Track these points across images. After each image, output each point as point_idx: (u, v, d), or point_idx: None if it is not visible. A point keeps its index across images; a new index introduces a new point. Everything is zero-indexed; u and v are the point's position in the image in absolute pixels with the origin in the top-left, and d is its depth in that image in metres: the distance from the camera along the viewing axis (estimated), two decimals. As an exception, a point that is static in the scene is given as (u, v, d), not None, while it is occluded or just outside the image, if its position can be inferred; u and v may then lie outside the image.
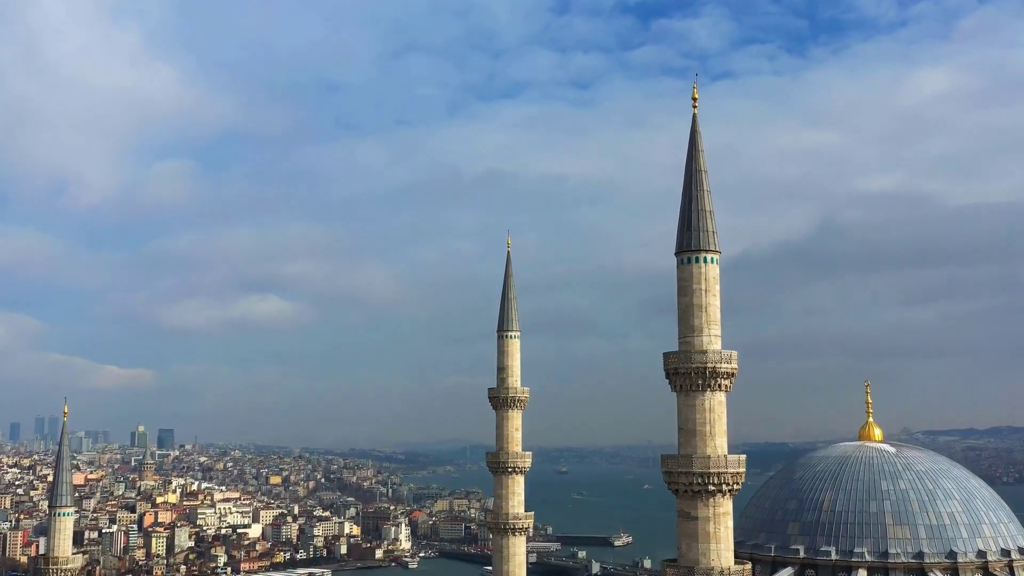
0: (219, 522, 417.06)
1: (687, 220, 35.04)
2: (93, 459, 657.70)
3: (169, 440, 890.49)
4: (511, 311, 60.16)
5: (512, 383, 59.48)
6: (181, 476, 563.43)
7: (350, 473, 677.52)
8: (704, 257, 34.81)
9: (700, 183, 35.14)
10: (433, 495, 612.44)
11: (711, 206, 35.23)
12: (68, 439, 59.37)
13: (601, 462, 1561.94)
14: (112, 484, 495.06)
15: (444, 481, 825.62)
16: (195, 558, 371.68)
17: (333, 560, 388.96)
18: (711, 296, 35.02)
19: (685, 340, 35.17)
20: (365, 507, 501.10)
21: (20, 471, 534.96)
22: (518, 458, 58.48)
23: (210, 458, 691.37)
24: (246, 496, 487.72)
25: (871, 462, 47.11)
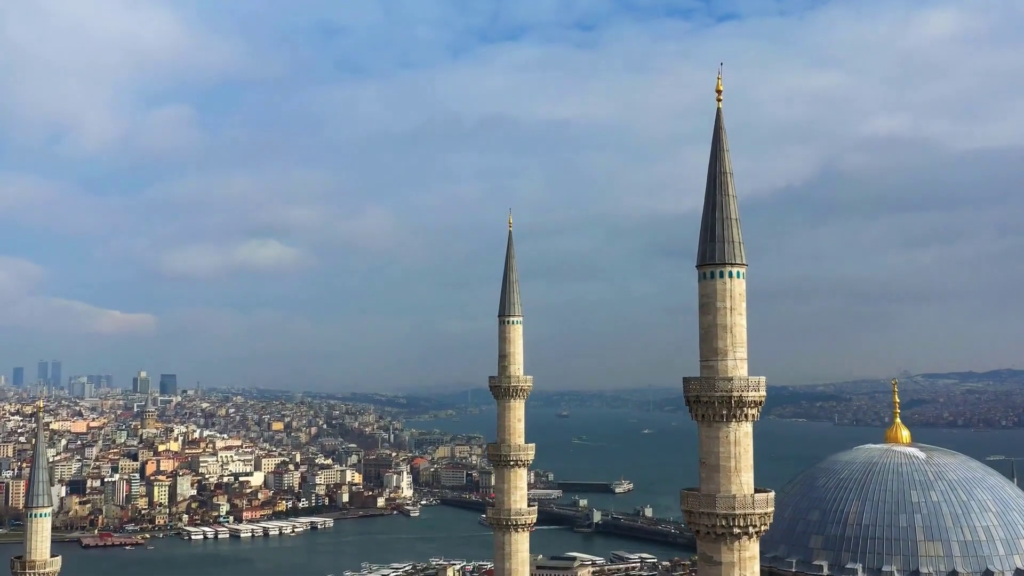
0: (221, 470, 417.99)
1: (710, 229, 31.24)
2: (95, 405, 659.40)
3: (171, 385, 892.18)
4: (513, 295, 56.55)
5: (514, 371, 56.07)
6: (183, 423, 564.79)
7: (352, 419, 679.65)
8: (730, 271, 31.13)
9: (725, 187, 31.30)
10: (435, 441, 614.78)
11: (737, 213, 31.57)
12: (43, 435, 55.75)
13: (602, 406, 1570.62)
14: (114, 432, 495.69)
15: (446, 426, 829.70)
16: (197, 507, 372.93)
17: (335, 508, 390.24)
18: (737, 315, 31.38)
19: (707, 364, 31.56)
20: (367, 454, 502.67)
21: (22, 419, 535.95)
22: (521, 451, 55.28)
23: (212, 404, 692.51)
24: (248, 444, 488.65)
25: (900, 469, 43.83)
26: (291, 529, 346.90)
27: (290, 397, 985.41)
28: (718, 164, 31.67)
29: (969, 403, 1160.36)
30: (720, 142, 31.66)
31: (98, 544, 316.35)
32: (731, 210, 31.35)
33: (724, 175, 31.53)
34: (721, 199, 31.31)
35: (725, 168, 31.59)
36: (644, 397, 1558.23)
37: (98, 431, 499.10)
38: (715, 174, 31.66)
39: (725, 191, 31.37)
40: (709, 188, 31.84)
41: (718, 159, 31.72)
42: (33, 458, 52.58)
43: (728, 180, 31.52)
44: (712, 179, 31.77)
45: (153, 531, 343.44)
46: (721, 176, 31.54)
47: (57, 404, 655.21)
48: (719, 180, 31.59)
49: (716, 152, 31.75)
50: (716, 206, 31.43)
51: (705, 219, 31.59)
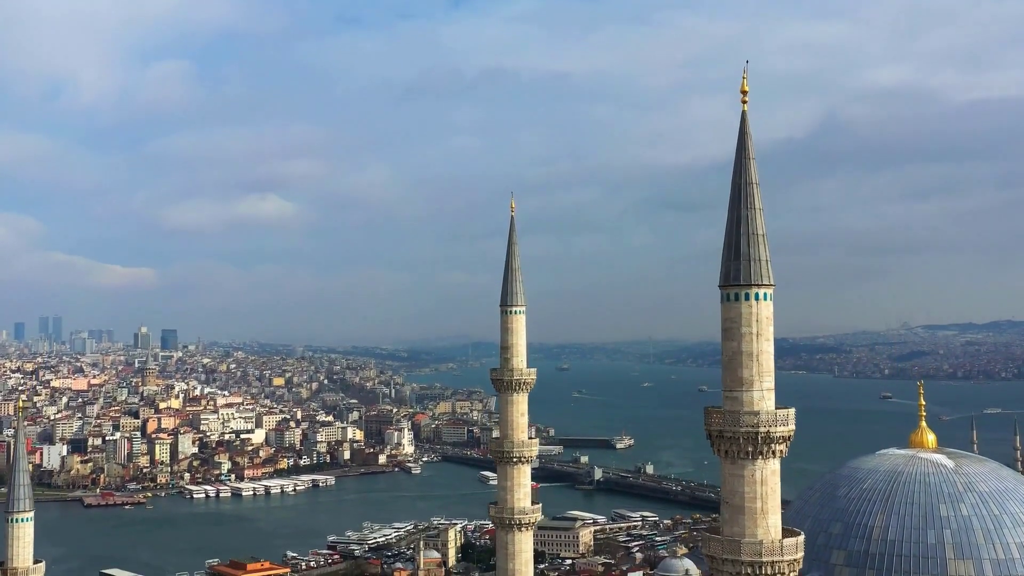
0: (222, 428, 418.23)
1: (734, 246, 28.29)
2: (96, 361, 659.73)
3: (172, 340, 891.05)
4: (515, 284, 53.77)
5: (517, 364, 53.46)
6: (184, 380, 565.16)
7: (353, 374, 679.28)
8: (757, 293, 28.29)
9: (751, 199, 28.28)
10: (436, 396, 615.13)
11: (764, 227, 28.68)
12: (23, 434, 53.31)
13: (603, 358, 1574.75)
14: (115, 389, 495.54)
15: (447, 380, 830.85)
16: (199, 465, 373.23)
17: (336, 466, 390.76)
18: (764, 341, 28.59)
19: (731, 395, 28.86)
20: (368, 410, 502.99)
21: (23, 376, 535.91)
22: (524, 447, 52.87)
23: (213, 360, 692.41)
24: (249, 401, 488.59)
25: (927, 480, 41.21)
26: (293, 487, 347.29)
27: (291, 351, 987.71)
28: (743, 174, 28.63)
29: (969, 355, 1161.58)
30: (745, 149, 28.60)
31: (100, 503, 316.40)
32: (757, 225, 28.41)
33: (750, 186, 28.53)
34: (747, 213, 28.34)
35: (751, 178, 28.58)
36: (644, 350, 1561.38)
37: (99, 388, 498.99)
38: (740, 185, 28.64)
39: (751, 204, 28.39)
40: (733, 200, 28.84)
41: (743, 168, 28.68)
42: (12, 460, 50.27)
43: (755, 192, 28.49)
44: (736, 190, 28.75)
45: (155, 490, 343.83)
46: (747, 187, 28.53)
47: (58, 360, 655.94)
48: (744, 192, 28.59)
49: (741, 160, 28.70)
50: (741, 221, 28.49)
51: (729, 235, 28.63)
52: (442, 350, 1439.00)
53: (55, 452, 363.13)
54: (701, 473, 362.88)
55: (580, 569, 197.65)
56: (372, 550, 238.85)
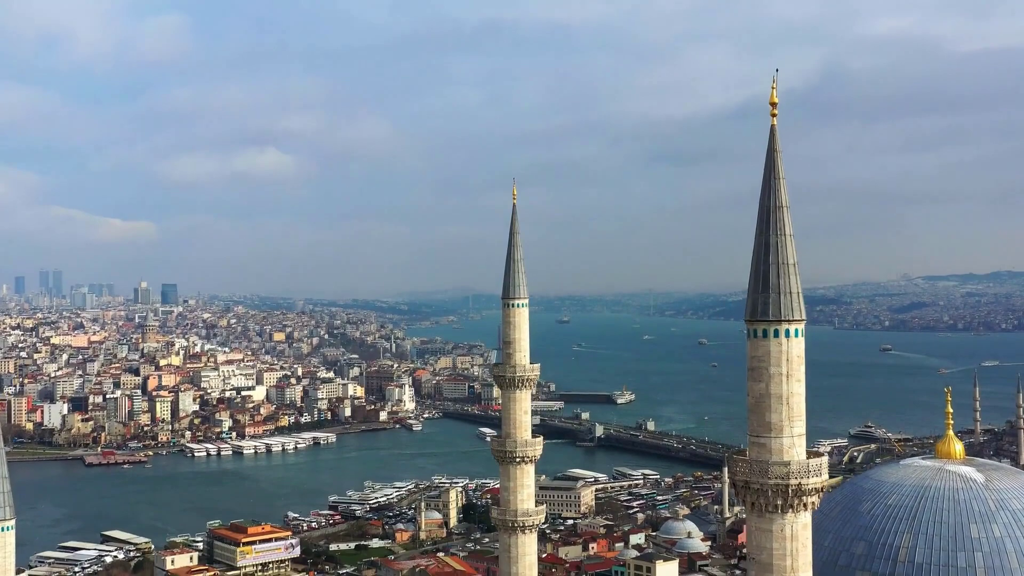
0: (223, 385, 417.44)
1: (762, 278, 25.57)
2: (97, 316, 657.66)
3: (172, 295, 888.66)
4: (518, 275, 51.13)
5: (520, 360, 51.01)
6: (184, 335, 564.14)
7: (353, 328, 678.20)
8: (788, 330, 25.72)
9: (781, 225, 25.48)
10: (436, 350, 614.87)
11: (795, 256, 25.95)
12: (4, 438, 50.76)
13: (603, 310, 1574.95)
14: (115, 346, 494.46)
15: (447, 334, 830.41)
16: (200, 423, 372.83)
17: (337, 423, 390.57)
18: (795, 382, 25.98)
19: (759, 442, 26.17)
20: (368, 365, 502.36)
21: (23, 333, 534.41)
22: (528, 446, 50.59)
23: (213, 315, 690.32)
24: (249, 357, 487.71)
25: (956, 496, 38.70)
26: (294, 445, 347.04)
27: (291, 305, 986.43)
28: (773, 196, 25.83)
29: (969, 306, 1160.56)
30: (774, 168, 25.76)
31: (101, 462, 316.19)
32: (788, 253, 25.70)
33: (780, 210, 25.75)
34: (776, 240, 25.61)
35: (781, 200, 25.78)
36: (645, 302, 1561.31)
37: (99, 345, 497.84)
38: (769, 208, 25.87)
39: (781, 230, 25.65)
40: (761, 226, 26.08)
41: (773, 190, 25.87)
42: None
43: (784, 216, 25.75)
44: (765, 214, 25.98)
45: (156, 448, 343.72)
46: (776, 211, 25.76)
47: (58, 316, 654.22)
48: (774, 216, 25.83)
49: (770, 181, 25.87)
50: (770, 248, 25.77)
51: (756, 263, 25.90)
52: (442, 303, 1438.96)
53: (56, 411, 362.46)
54: (702, 429, 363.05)
55: (582, 531, 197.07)
56: (373, 510, 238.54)
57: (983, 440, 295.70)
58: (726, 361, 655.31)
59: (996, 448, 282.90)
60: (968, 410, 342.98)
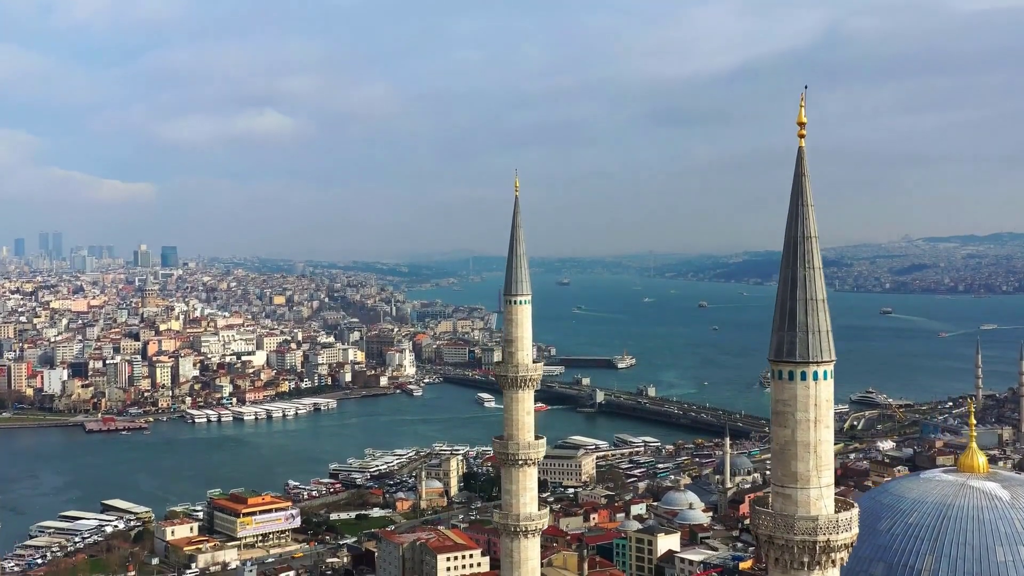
0: (223, 350, 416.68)
1: (789, 314, 23.49)
2: (96, 280, 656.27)
3: (172, 257, 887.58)
4: (520, 271, 49.16)
5: (522, 359, 49.15)
6: (184, 299, 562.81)
7: (353, 291, 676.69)
8: (816, 372, 23.78)
9: (809, 257, 23.28)
10: (437, 314, 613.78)
11: (824, 291, 23.88)
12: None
13: (603, 272, 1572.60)
14: (115, 311, 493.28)
15: (447, 296, 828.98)
16: (200, 388, 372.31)
17: (338, 388, 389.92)
18: (823, 428, 23.98)
19: (784, 492, 24.18)
20: (369, 329, 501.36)
21: (22, 297, 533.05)
22: (530, 448, 48.90)
23: (213, 278, 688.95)
24: (249, 322, 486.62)
25: (980, 516, 36.84)
26: (294, 411, 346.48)
27: (291, 267, 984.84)
28: (800, 226, 23.73)
29: (970, 268, 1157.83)
30: (802, 195, 23.68)
31: (101, 429, 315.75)
32: (816, 287, 23.69)
33: (808, 240, 23.69)
34: (805, 274, 23.58)
35: (810, 230, 23.70)
36: (645, 263, 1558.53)
37: (99, 310, 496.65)
38: (796, 239, 23.79)
39: (809, 262, 23.62)
40: (788, 258, 24.03)
41: (801, 219, 23.77)
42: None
43: (813, 247, 23.70)
44: (791, 246, 23.91)
45: (156, 414, 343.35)
46: (804, 242, 23.69)
47: (58, 279, 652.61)
48: (801, 248, 23.77)
49: (797, 209, 23.75)
50: (797, 283, 23.76)
51: (782, 299, 23.87)
52: (442, 264, 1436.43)
53: (56, 376, 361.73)
54: (702, 394, 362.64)
55: (583, 501, 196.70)
56: (374, 478, 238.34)
57: (985, 407, 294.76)
58: (727, 325, 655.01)
59: (998, 415, 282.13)
60: (968, 374, 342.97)
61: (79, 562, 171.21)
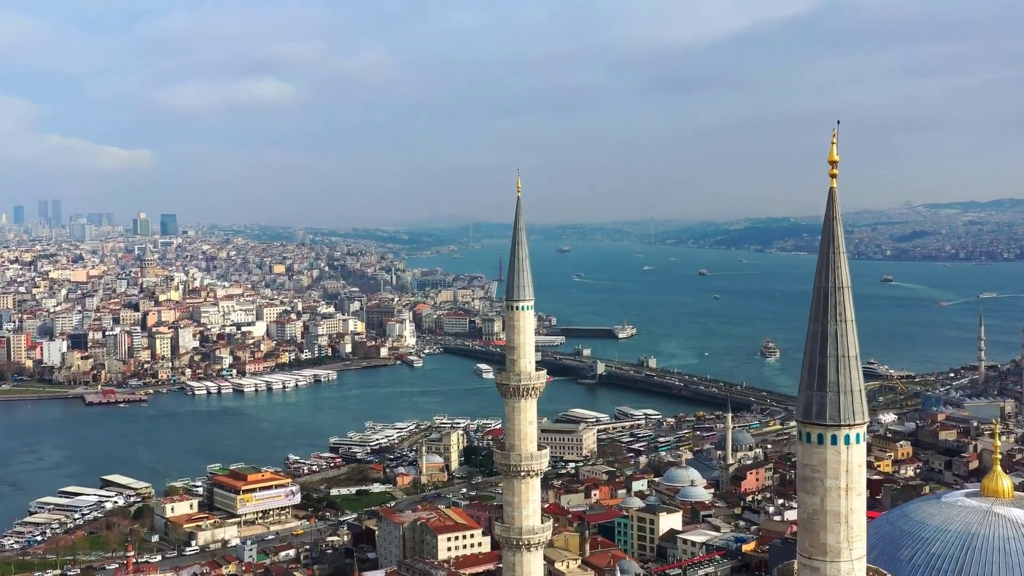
0: (223, 320, 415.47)
1: (818, 373, 21.45)
2: (96, 248, 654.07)
3: (172, 225, 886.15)
4: (522, 275, 47.26)
5: (524, 367, 47.39)
6: (184, 268, 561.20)
7: (353, 259, 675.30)
8: (847, 435, 21.87)
9: (841, 309, 21.28)
10: (437, 283, 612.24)
11: (856, 347, 21.91)
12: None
13: (603, 239, 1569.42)
14: (114, 281, 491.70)
15: (448, 264, 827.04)
16: (200, 359, 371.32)
17: (338, 359, 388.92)
18: (855, 496, 21.98)
19: (811, 565, 22.10)
20: (369, 298, 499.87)
21: (21, 267, 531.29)
22: (533, 460, 47.24)
23: (213, 246, 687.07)
24: (249, 292, 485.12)
25: (1007, 547, 34.88)
26: (294, 383, 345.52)
27: (291, 235, 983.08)
28: (831, 275, 21.80)
29: (971, 234, 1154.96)
30: (834, 240, 21.73)
31: (101, 401, 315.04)
32: (849, 343, 21.83)
33: (840, 291, 21.79)
34: (836, 328, 21.70)
35: (842, 280, 21.83)
36: (645, 230, 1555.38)
37: (98, 280, 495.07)
38: (826, 290, 21.89)
39: (841, 315, 21.73)
40: (818, 310, 22.13)
41: (831, 267, 21.82)
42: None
43: (846, 298, 21.82)
44: (821, 297, 21.99)
45: (156, 386, 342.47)
46: (836, 293, 21.79)
47: (57, 248, 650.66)
48: (832, 300, 21.86)
49: (828, 256, 21.79)
50: (828, 338, 21.90)
51: (811, 355, 21.99)
52: (443, 231, 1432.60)
53: (55, 348, 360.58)
54: (703, 365, 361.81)
55: (584, 478, 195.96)
56: (375, 452, 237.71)
57: (987, 379, 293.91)
58: (727, 293, 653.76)
59: (1000, 388, 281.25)
60: (969, 344, 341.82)
61: (78, 540, 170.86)
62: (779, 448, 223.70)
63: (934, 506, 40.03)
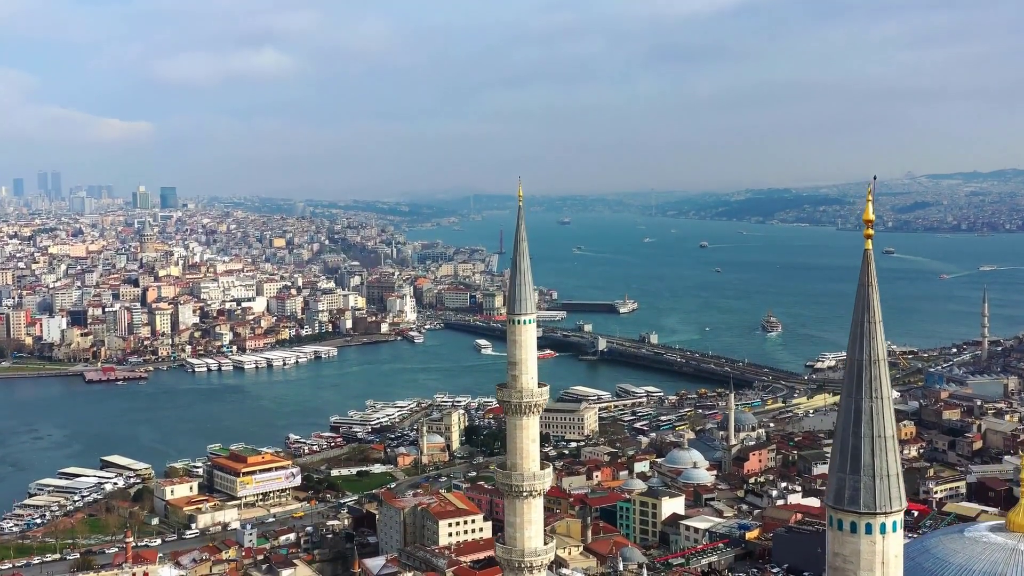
0: (223, 296, 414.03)
1: (851, 454, 19.24)
2: (96, 222, 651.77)
3: (171, 198, 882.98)
4: (524, 287, 45.43)
5: (526, 383, 45.66)
6: (184, 242, 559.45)
7: (354, 233, 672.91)
8: (884, 523, 19.86)
9: (877, 385, 19.17)
10: (438, 256, 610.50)
11: (893, 426, 19.90)
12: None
13: (604, 210, 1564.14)
14: (114, 256, 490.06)
15: (448, 236, 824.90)
16: (200, 336, 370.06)
17: (339, 335, 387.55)
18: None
19: None
20: (370, 272, 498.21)
21: (20, 242, 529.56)
22: (535, 480, 45.64)
23: (213, 220, 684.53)
24: (249, 267, 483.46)
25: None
26: (295, 360, 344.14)
27: (291, 207, 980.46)
28: (866, 347, 19.84)
29: (973, 205, 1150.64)
30: (869, 309, 19.82)
31: (101, 379, 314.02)
32: (885, 422, 19.99)
33: (876, 364, 19.90)
34: (872, 405, 19.90)
35: (877, 353, 19.92)
36: (647, 201, 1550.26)
37: (98, 255, 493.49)
38: (860, 363, 19.98)
39: (877, 391, 19.90)
40: (851, 385, 20.22)
41: (866, 339, 19.87)
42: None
43: (881, 372, 19.92)
44: (855, 371, 20.08)
45: (156, 363, 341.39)
46: (872, 367, 19.90)
47: (56, 221, 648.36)
48: (867, 374, 19.95)
49: (863, 327, 19.87)
50: (863, 416, 20.08)
51: (843, 435, 20.12)
52: (443, 203, 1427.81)
53: (55, 324, 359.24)
54: (705, 340, 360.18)
55: (586, 459, 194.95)
56: (375, 432, 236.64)
57: (990, 355, 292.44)
58: (727, 265, 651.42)
59: (1004, 364, 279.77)
60: (970, 318, 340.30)
61: (77, 523, 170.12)
62: (781, 427, 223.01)
63: (956, 541, 38.35)
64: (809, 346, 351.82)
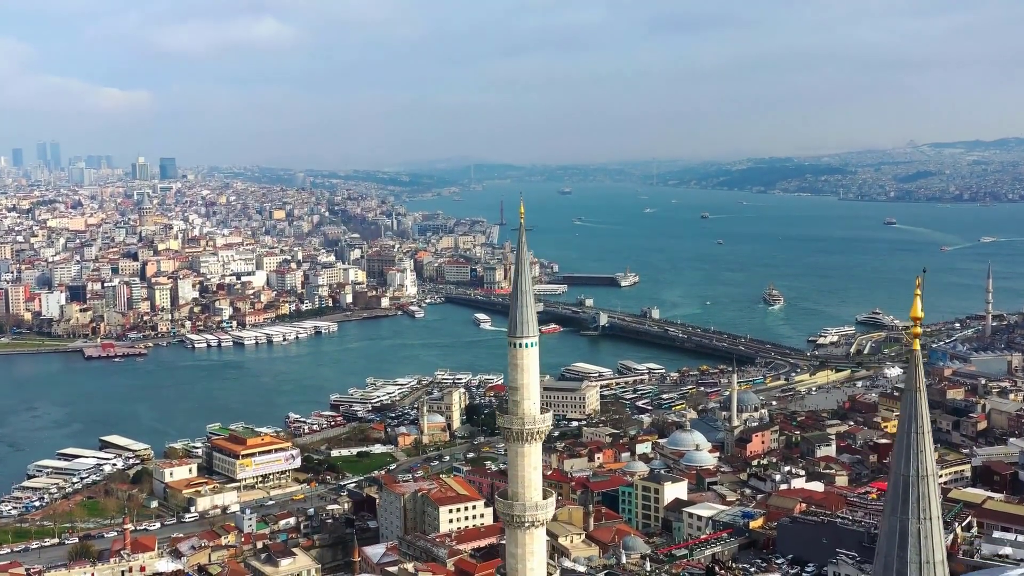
0: (223, 270, 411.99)
1: (894, 554, 17.55)
2: (95, 193, 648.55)
3: (171, 168, 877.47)
4: (526, 309, 43.43)
5: (528, 409, 43.76)
6: (183, 214, 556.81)
7: (354, 204, 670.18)
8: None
9: (925, 504, 17.27)
10: (438, 227, 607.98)
11: (943, 550, 17.70)
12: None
13: (605, 179, 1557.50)
14: (113, 229, 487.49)
15: (449, 207, 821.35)
16: (200, 311, 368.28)
17: (339, 310, 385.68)
18: None
19: None
20: (370, 245, 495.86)
21: (19, 215, 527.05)
22: (538, 509, 43.82)
23: (212, 191, 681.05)
24: (249, 241, 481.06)
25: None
26: (295, 335, 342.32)
27: (291, 177, 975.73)
28: (914, 461, 17.65)
29: (976, 175, 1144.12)
30: (917, 419, 17.60)
31: (101, 355, 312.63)
32: (934, 544, 17.76)
33: (924, 480, 17.60)
34: (919, 528, 17.69)
35: (926, 467, 17.71)
36: (648, 171, 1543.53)
37: (96, 228, 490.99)
38: (907, 479, 17.70)
39: (925, 511, 17.70)
40: (894, 503, 18.09)
41: (914, 452, 17.62)
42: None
43: (930, 489, 17.78)
44: (900, 488, 17.84)
45: (156, 339, 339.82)
46: (920, 483, 17.67)
47: (56, 193, 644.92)
48: (915, 491, 17.81)
49: (910, 438, 17.66)
50: (909, 539, 17.80)
51: (887, 557, 17.90)
52: (444, 172, 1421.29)
53: (54, 300, 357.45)
54: (706, 315, 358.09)
55: (588, 440, 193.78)
56: (375, 410, 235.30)
57: (994, 331, 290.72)
58: (729, 237, 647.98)
59: (1007, 340, 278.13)
60: (972, 291, 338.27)
61: (76, 506, 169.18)
62: (783, 405, 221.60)
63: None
64: (811, 319, 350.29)
